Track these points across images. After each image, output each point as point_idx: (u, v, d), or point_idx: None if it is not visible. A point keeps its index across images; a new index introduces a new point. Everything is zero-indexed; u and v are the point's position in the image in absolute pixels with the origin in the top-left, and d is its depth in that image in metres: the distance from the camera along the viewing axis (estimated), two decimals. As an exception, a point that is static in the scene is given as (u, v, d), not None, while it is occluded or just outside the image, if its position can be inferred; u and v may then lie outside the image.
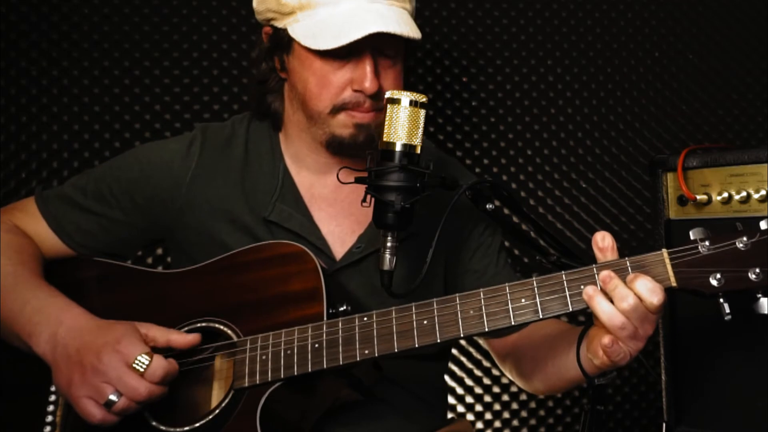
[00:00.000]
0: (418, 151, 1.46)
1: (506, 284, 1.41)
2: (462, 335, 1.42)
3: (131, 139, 2.28)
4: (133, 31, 2.30)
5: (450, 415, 1.96)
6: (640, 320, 1.31)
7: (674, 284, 1.34)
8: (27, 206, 1.75)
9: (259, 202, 1.70)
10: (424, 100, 1.46)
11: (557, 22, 2.52)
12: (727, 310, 1.32)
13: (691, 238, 1.35)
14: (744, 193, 1.68)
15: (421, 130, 1.46)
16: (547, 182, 2.49)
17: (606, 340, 1.33)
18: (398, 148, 1.44)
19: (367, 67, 1.57)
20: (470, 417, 2.44)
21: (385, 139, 1.46)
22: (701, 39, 2.59)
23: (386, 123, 1.45)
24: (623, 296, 1.31)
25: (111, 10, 2.29)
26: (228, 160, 1.73)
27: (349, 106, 1.60)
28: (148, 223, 1.74)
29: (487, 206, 1.62)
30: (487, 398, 2.44)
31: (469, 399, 2.44)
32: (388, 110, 1.46)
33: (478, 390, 2.44)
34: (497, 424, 2.44)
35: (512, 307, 1.39)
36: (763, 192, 1.66)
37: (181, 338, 1.53)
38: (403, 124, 1.45)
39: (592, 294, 1.33)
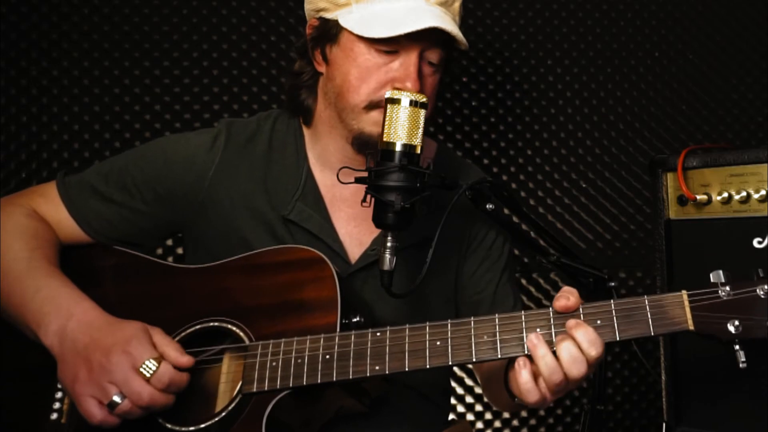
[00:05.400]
0: (418, 151, 1.46)
1: (522, 312, 1.40)
2: (474, 360, 1.41)
3: (131, 139, 2.28)
4: (133, 31, 2.30)
5: (450, 416, 1.96)
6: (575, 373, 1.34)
7: (692, 328, 1.33)
8: (48, 191, 1.75)
9: (280, 200, 1.70)
10: (423, 100, 1.46)
11: (557, 22, 2.52)
12: (743, 358, 1.32)
13: (712, 280, 1.34)
14: (744, 193, 1.68)
15: (421, 130, 1.46)
16: (547, 182, 2.49)
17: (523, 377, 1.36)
18: (398, 148, 1.44)
19: (412, 67, 1.57)
20: (470, 417, 2.44)
21: (385, 139, 1.46)
22: (701, 39, 2.59)
23: (386, 123, 1.45)
24: (550, 367, 1.33)
25: (111, 10, 2.29)
26: (251, 157, 1.73)
27: (384, 104, 1.60)
28: (169, 215, 1.74)
29: (487, 206, 1.62)
30: (487, 398, 2.45)
31: (469, 399, 2.44)
32: (387, 110, 1.46)
33: (478, 390, 2.44)
34: (497, 424, 2.44)
35: (527, 337, 1.38)
36: (763, 192, 1.66)
37: (177, 358, 1.48)
38: (403, 124, 1.45)
39: (536, 343, 1.35)
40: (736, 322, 1.31)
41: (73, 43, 2.27)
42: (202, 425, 1.50)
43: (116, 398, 1.43)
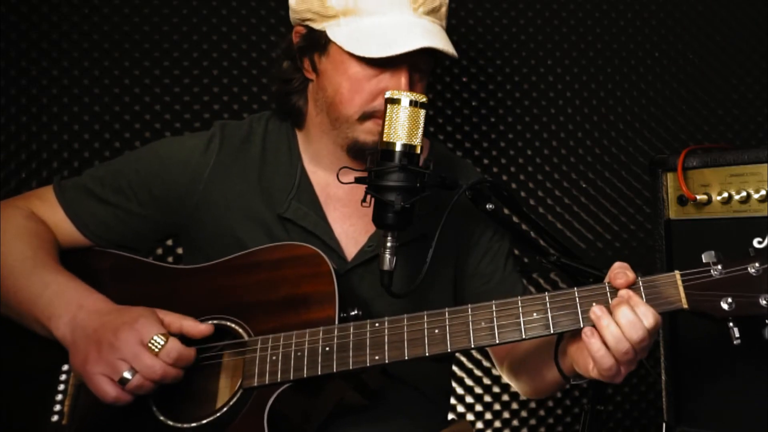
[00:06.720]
0: (418, 151, 1.47)
1: (518, 297, 1.42)
2: (473, 346, 1.42)
3: (131, 139, 2.28)
4: (133, 31, 2.30)
5: (450, 416, 1.96)
6: (642, 348, 1.35)
7: (685, 306, 1.35)
8: (45, 194, 1.76)
9: (275, 200, 1.71)
10: (424, 100, 1.47)
11: (557, 22, 2.52)
12: (737, 335, 1.33)
13: (704, 261, 1.36)
14: (744, 193, 1.68)
15: (421, 130, 1.47)
16: (547, 182, 2.49)
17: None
18: (398, 148, 1.45)
19: (404, 79, 1.59)
20: (470, 417, 2.44)
21: (385, 139, 1.46)
22: (701, 39, 2.59)
23: (386, 123, 1.46)
24: (633, 323, 1.33)
25: (111, 10, 2.29)
26: (245, 158, 1.74)
27: (378, 114, 1.60)
28: (164, 217, 1.75)
29: (487, 206, 1.62)
30: (487, 398, 2.45)
31: (469, 399, 2.44)
32: (387, 110, 1.46)
33: (478, 390, 2.44)
34: (497, 424, 2.44)
35: (523, 321, 1.40)
36: (763, 192, 1.66)
37: (194, 326, 1.54)
38: (403, 124, 1.45)
39: (600, 315, 1.35)
40: (729, 300, 1.33)
41: (73, 43, 2.27)
42: (204, 421, 1.51)
43: (127, 374, 1.45)
